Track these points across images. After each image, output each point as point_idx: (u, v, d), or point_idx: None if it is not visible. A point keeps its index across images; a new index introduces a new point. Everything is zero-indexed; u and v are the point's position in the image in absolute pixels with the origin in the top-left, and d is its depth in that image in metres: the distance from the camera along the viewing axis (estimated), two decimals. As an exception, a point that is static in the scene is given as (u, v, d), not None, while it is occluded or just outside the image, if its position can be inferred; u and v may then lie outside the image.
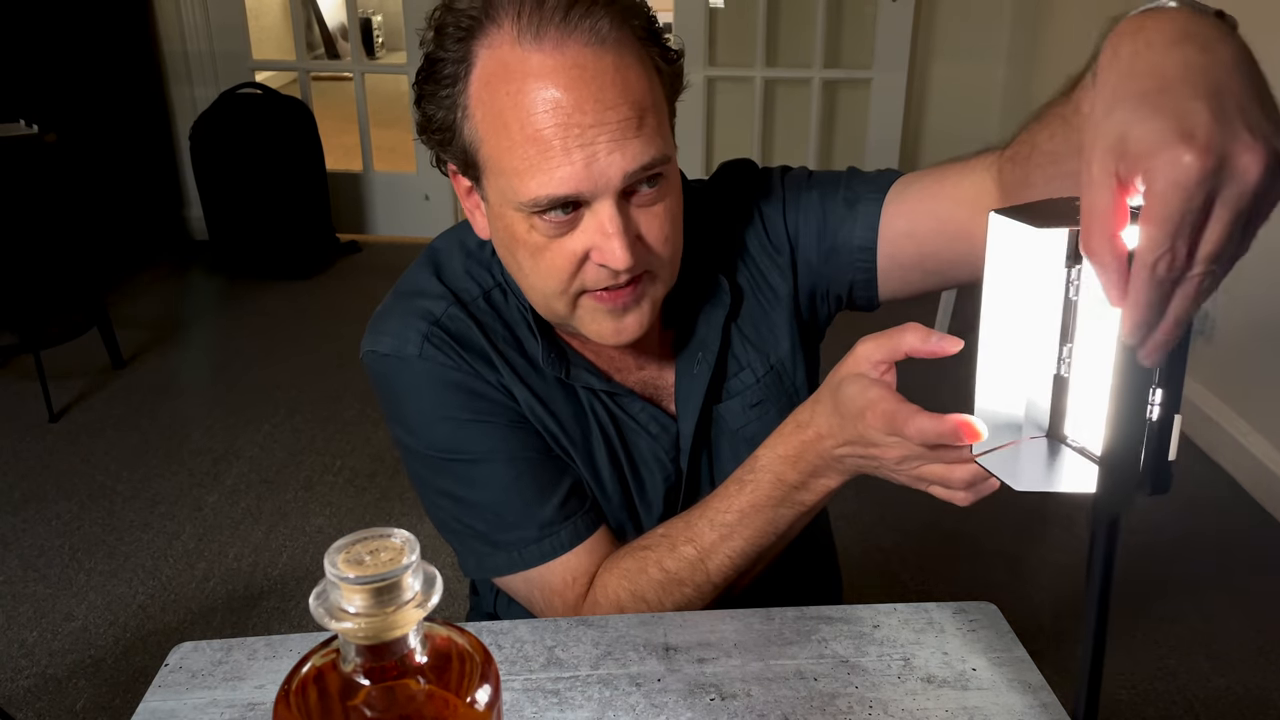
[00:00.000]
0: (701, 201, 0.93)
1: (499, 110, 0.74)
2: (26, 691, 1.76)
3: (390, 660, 0.41)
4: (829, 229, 0.90)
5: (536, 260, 0.78)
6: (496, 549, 0.87)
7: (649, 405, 0.91)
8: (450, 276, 0.89)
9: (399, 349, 0.86)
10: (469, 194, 0.84)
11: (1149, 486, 0.53)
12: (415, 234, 4.13)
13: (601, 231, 0.75)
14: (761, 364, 0.93)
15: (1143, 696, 1.73)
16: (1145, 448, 0.52)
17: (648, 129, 0.75)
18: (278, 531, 2.21)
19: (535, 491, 0.86)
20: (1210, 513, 2.23)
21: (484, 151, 0.77)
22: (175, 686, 0.71)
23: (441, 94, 0.77)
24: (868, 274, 0.90)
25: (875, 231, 0.88)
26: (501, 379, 0.86)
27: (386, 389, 0.88)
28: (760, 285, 0.93)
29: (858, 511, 2.20)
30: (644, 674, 0.72)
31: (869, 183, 0.90)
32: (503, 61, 0.74)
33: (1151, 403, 0.51)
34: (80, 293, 2.96)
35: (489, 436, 0.86)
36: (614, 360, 0.91)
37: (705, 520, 0.82)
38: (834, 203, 0.90)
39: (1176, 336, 0.48)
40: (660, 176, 0.77)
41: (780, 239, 0.93)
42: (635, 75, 0.75)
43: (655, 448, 0.91)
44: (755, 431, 0.92)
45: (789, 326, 0.93)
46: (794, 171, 0.96)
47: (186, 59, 3.97)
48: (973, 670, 0.72)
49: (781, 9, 3.87)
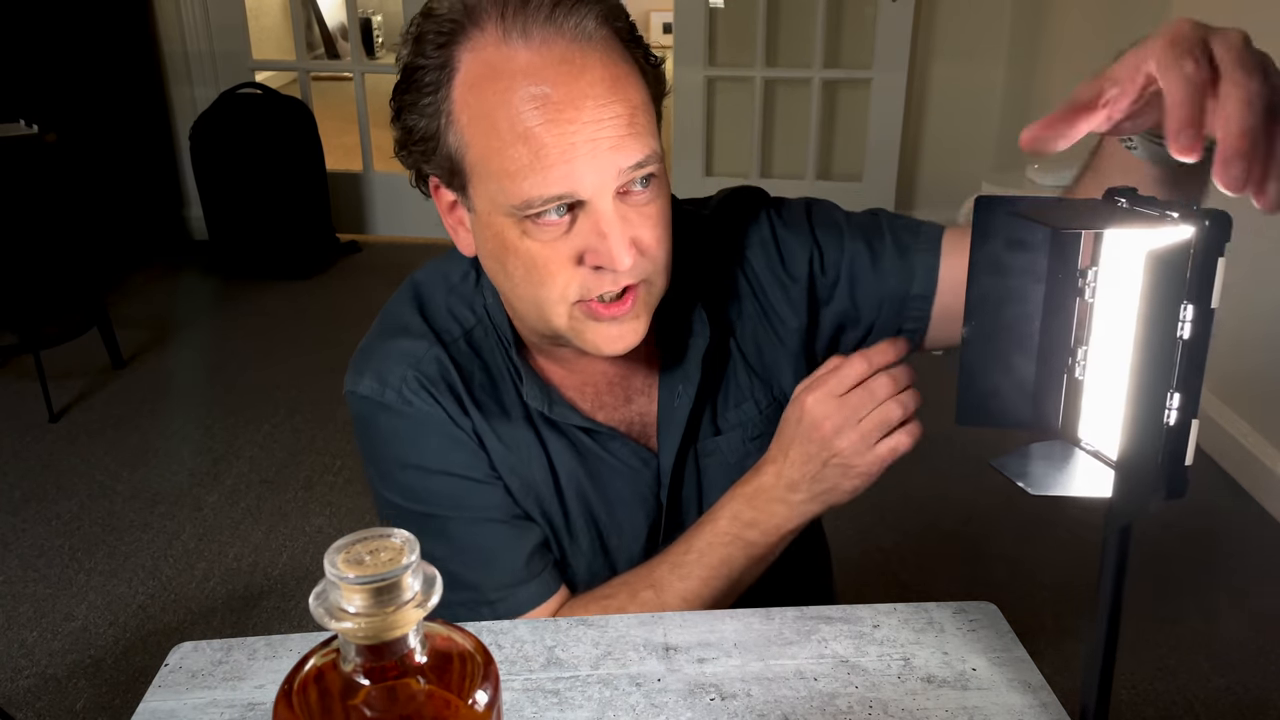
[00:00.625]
0: (699, 228, 0.91)
1: (486, 111, 0.72)
2: (26, 691, 1.76)
3: (390, 660, 0.41)
4: (882, 275, 0.89)
5: (529, 269, 0.76)
6: (456, 602, 0.86)
7: (629, 442, 0.89)
8: (433, 313, 0.88)
9: (377, 392, 0.85)
10: (451, 210, 0.81)
11: (1165, 491, 0.53)
12: (415, 234, 4.13)
13: (598, 232, 0.73)
14: (765, 395, 0.92)
15: (1143, 696, 1.73)
16: (1162, 452, 0.51)
17: (639, 126, 0.74)
18: (278, 531, 2.21)
19: (500, 548, 0.85)
20: (1210, 513, 2.23)
21: (471, 156, 0.74)
22: (175, 686, 0.71)
23: (423, 102, 0.75)
24: (920, 322, 0.89)
25: (935, 283, 0.88)
26: (474, 426, 0.85)
27: (362, 430, 0.88)
28: (769, 315, 0.91)
29: (858, 512, 2.19)
30: (644, 674, 0.72)
31: (915, 233, 0.90)
32: (488, 62, 0.72)
33: (1169, 407, 0.51)
34: (80, 293, 2.96)
35: (455, 490, 0.85)
36: (600, 396, 0.89)
37: (666, 563, 0.84)
38: (883, 249, 0.89)
39: (1242, 144, 0.50)
40: (653, 177, 0.76)
41: (800, 272, 0.90)
42: (624, 72, 0.74)
43: (636, 484, 0.90)
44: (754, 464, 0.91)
45: (796, 359, 0.92)
46: (821, 204, 0.94)
47: (186, 59, 3.97)
48: (973, 670, 0.72)
49: (781, 9, 3.87)
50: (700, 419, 0.90)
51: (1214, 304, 0.50)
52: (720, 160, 4.11)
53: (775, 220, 0.92)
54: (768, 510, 0.81)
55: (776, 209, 0.93)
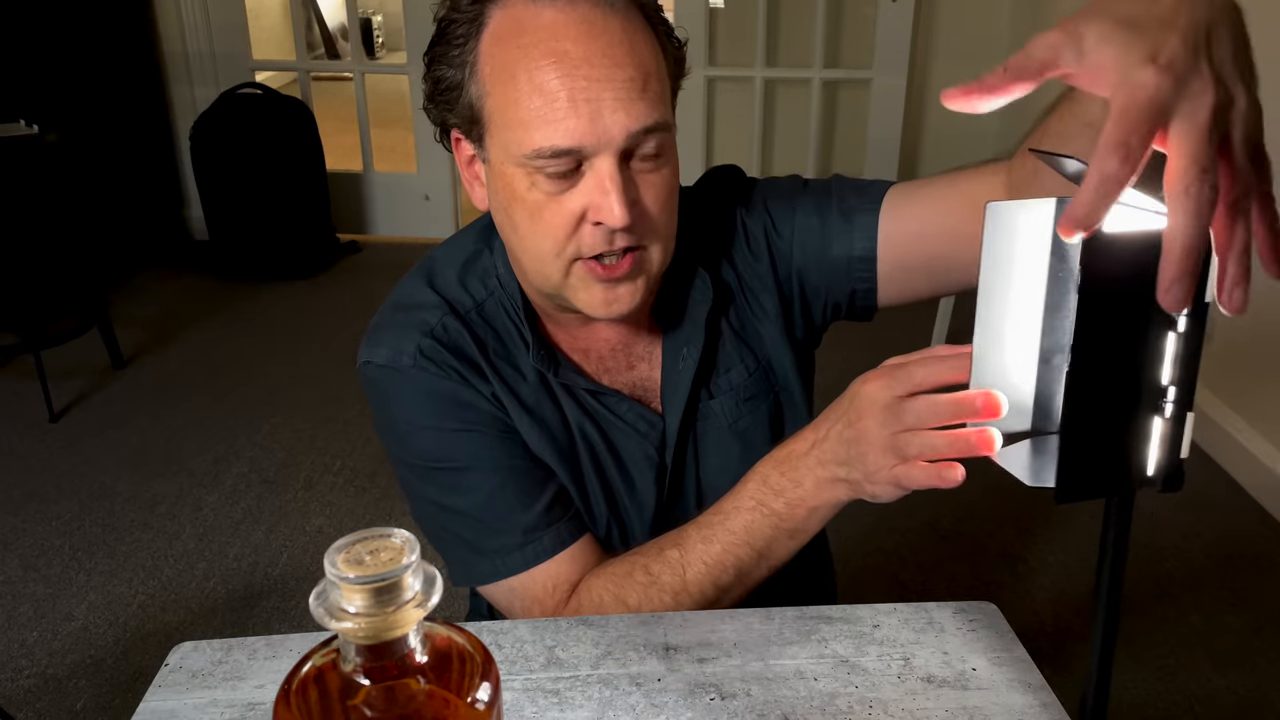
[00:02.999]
0: (688, 203, 0.93)
1: (508, 63, 0.76)
2: (26, 691, 1.76)
3: (390, 660, 0.41)
4: (827, 241, 0.91)
5: (534, 220, 0.79)
6: (481, 556, 0.87)
7: (636, 405, 0.91)
8: (444, 286, 0.90)
9: (394, 359, 0.86)
10: (470, 164, 0.85)
11: (1161, 484, 0.53)
12: (415, 234, 4.13)
13: (600, 189, 0.76)
14: (751, 360, 0.94)
15: (1143, 696, 1.73)
16: (1162, 449, 0.51)
17: (651, 93, 0.76)
18: (278, 531, 2.21)
19: (519, 498, 0.86)
20: (1210, 513, 2.23)
21: (489, 105, 0.78)
22: (175, 686, 0.71)
23: (453, 53, 0.79)
24: (868, 283, 0.91)
25: (874, 241, 0.89)
26: (493, 390, 0.87)
27: (380, 398, 0.89)
28: (746, 287, 0.94)
29: (858, 511, 2.19)
30: (644, 674, 0.72)
31: (861, 193, 0.91)
32: (515, 18, 0.76)
33: (1165, 400, 0.51)
34: (80, 293, 2.96)
35: (475, 445, 0.87)
36: (604, 361, 0.92)
37: (694, 524, 0.83)
38: (830, 215, 0.91)
39: (1186, 265, 0.46)
40: (661, 145, 0.78)
41: (760, 248, 0.94)
42: (642, 40, 0.77)
43: (644, 445, 0.92)
44: (747, 425, 0.94)
45: (773, 325, 0.94)
46: (780, 182, 0.96)
47: (186, 59, 3.97)
48: (973, 670, 0.72)
49: (781, 9, 3.87)
50: (698, 384, 0.92)
51: (1207, 298, 0.50)
52: (720, 160, 4.05)
53: (741, 203, 0.95)
54: (794, 478, 0.78)
55: (745, 190, 0.96)
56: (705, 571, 0.81)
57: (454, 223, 4.12)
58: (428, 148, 3.93)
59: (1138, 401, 0.52)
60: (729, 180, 0.97)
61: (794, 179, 0.97)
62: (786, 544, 0.80)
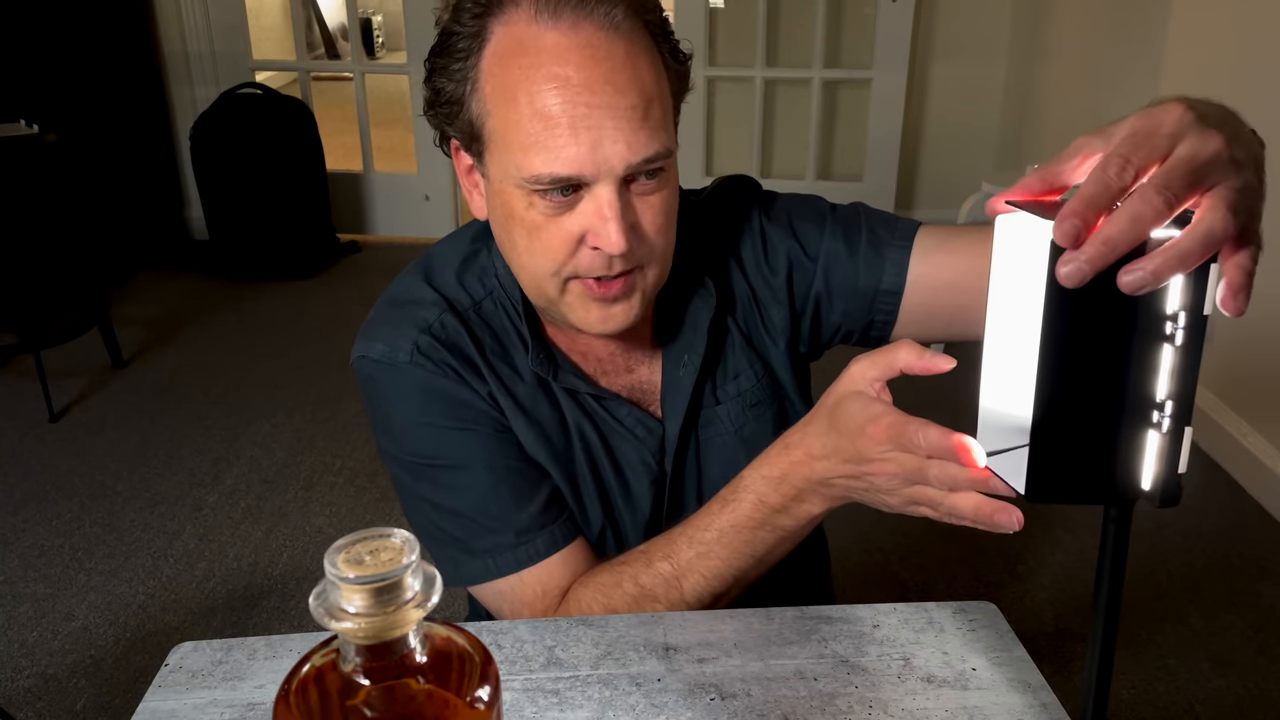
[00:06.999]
0: (697, 210, 0.93)
1: (509, 84, 0.75)
2: (26, 691, 1.76)
3: (390, 660, 0.41)
4: (855, 270, 0.91)
5: (532, 239, 0.78)
6: (472, 556, 0.86)
7: (635, 409, 0.91)
8: (443, 284, 0.90)
9: (390, 355, 0.86)
10: (469, 173, 0.84)
11: (1159, 499, 0.52)
12: (415, 234, 4.13)
13: (599, 215, 0.75)
14: (760, 367, 0.94)
15: (1143, 696, 1.73)
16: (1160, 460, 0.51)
17: (653, 120, 0.75)
18: (278, 531, 2.21)
19: (513, 498, 0.86)
20: (1210, 513, 2.23)
21: (490, 125, 0.77)
22: (175, 686, 0.71)
23: (454, 67, 0.78)
24: (889, 316, 0.91)
25: (904, 278, 0.89)
26: (489, 389, 0.86)
27: (374, 394, 0.89)
28: (758, 297, 0.94)
29: (858, 512, 2.19)
30: (644, 674, 0.72)
31: (891, 227, 0.91)
32: (517, 38, 0.75)
33: (1162, 414, 0.50)
34: (80, 293, 2.96)
35: (470, 443, 0.86)
36: (602, 364, 0.91)
37: (684, 538, 0.81)
38: (859, 244, 0.91)
39: (1098, 257, 0.46)
40: (661, 170, 0.78)
41: (779, 263, 0.93)
42: (646, 65, 0.76)
43: (641, 451, 0.91)
44: (753, 431, 0.93)
45: (780, 338, 0.94)
46: (805, 201, 0.96)
47: (186, 59, 3.97)
48: (973, 670, 0.72)
49: (781, 9, 3.87)
50: (702, 390, 0.92)
51: (1206, 310, 0.49)
52: (720, 160, 4.11)
53: (762, 214, 0.94)
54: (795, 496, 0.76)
55: (765, 203, 0.95)
56: (704, 584, 0.81)
57: (454, 223, 4.12)
58: (428, 148, 3.92)
59: (1123, 411, 0.51)
60: (747, 190, 0.96)
61: (818, 200, 0.96)
62: (787, 547, 0.81)
